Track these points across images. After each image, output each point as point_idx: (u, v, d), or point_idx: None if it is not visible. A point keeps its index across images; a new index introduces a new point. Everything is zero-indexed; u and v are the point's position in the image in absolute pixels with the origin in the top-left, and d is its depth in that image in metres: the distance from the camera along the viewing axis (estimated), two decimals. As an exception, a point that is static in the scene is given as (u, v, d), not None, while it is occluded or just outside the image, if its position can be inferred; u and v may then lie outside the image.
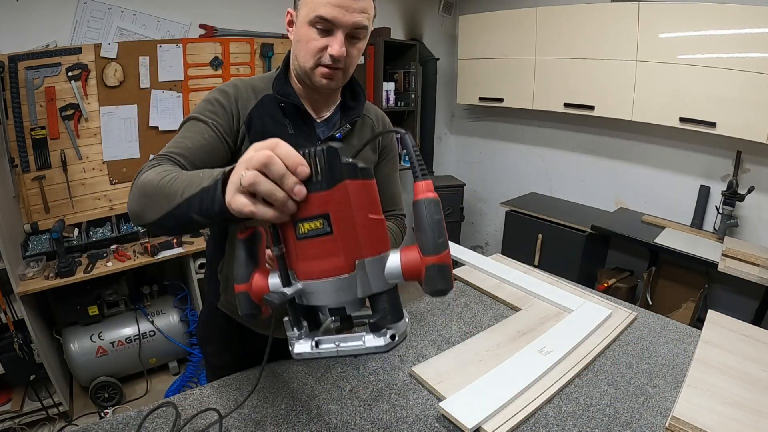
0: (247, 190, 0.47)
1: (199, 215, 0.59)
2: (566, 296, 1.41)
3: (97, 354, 2.17)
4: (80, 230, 2.30)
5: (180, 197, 0.61)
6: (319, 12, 0.81)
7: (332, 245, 0.48)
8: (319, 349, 0.51)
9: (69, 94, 2.23)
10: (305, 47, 0.86)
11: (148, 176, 0.71)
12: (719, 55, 2.11)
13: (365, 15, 0.85)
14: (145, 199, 0.70)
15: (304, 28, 0.85)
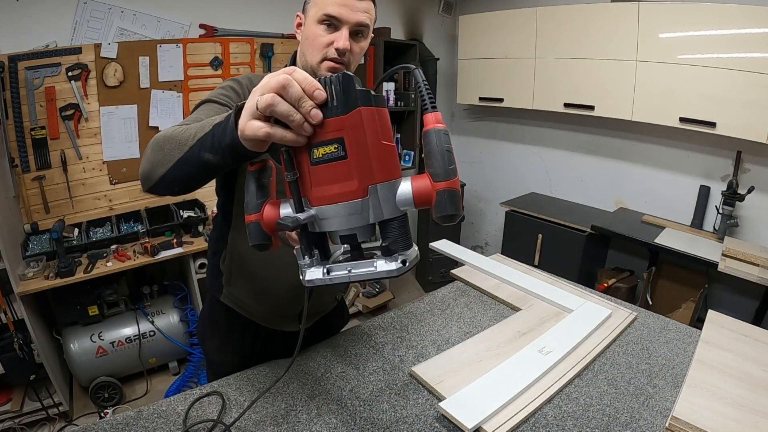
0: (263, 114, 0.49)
1: (210, 153, 0.60)
2: (566, 296, 1.41)
3: (97, 354, 2.17)
4: (80, 230, 2.30)
5: (193, 139, 0.63)
6: (327, 10, 0.89)
7: (346, 169, 0.49)
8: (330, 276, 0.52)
9: (69, 94, 2.23)
10: (313, 43, 0.92)
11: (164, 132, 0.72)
12: (719, 55, 2.11)
13: (367, 15, 0.92)
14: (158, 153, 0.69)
15: (312, 26, 0.92)
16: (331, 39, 0.91)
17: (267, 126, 0.49)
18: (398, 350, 1.16)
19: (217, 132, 0.59)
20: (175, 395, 0.99)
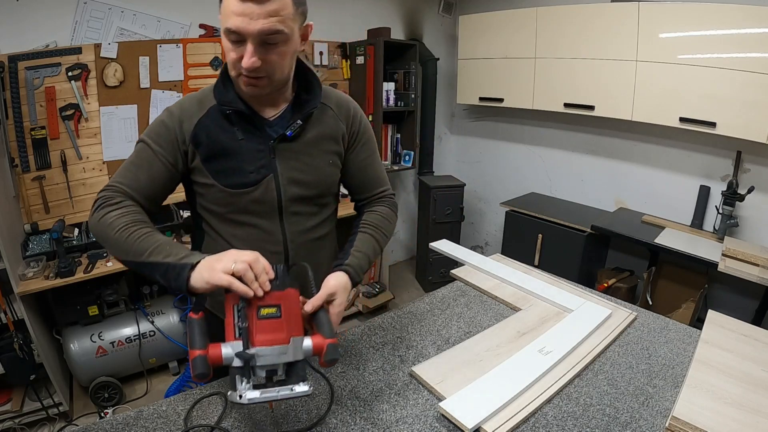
0: (232, 273, 0.71)
1: (162, 279, 0.77)
2: (566, 296, 1.41)
3: (97, 354, 2.17)
4: (80, 230, 2.30)
5: (146, 257, 0.79)
6: (227, 24, 0.80)
7: (279, 325, 0.72)
8: (263, 396, 0.69)
9: (69, 94, 2.23)
10: (227, 58, 0.87)
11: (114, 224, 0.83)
12: (719, 55, 2.11)
13: (276, 18, 0.80)
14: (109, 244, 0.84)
15: (223, 39, 0.85)
16: (239, 55, 0.83)
17: (235, 281, 0.71)
18: (398, 350, 1.16)
19: (170, 272, 0.76)
20: (176, 395, 0.99)
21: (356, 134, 1.09)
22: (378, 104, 3.01)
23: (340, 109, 1.06)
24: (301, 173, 1.00)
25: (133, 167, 0.92)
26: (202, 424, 0.89)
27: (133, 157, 0.93)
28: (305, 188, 1.01)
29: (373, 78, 2.98)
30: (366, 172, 1.13)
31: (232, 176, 0.95)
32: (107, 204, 0.86)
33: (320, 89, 1.01)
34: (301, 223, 1.04)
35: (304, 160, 1.00)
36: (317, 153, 1.02)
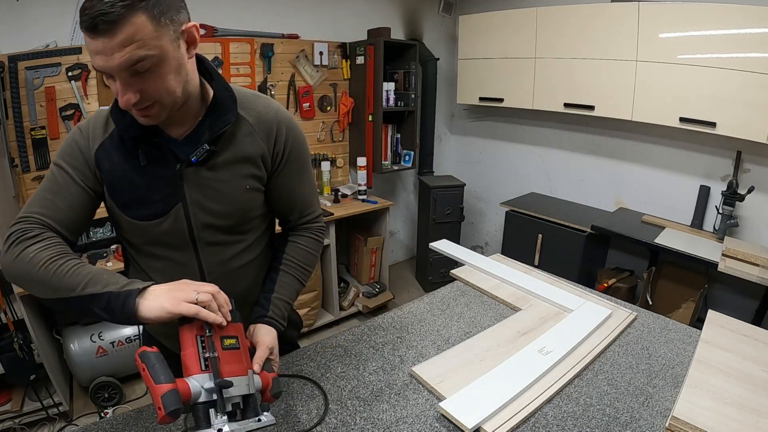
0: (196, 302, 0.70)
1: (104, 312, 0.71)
2: (566, 296, 1.41)
3: (97, 354, 2.17)
4: (80, 230, 2.30)
5: (81, 290, 0.71)
6: (93, 61, 0.71)
7: (239, 356, 0.74)
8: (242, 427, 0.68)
9: (69, 94, 2.23)
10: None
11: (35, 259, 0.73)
12: (719, 55, 2.11)
13: (134, 45, 0.68)
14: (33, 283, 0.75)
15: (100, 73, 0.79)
16: (116, 91, 0.74)
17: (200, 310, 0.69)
18: (398, 350, 1.16)
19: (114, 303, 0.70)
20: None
21: (280, 154, 0.94)
22: (378, 104, 3.01)
23: (260, 127, 0.91)
24: (214, 201, 0.88)
25: (50, 194, 0.82)
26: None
27: (48, 183, 0.83)
28: (219, 217, 0.90)
29: (373, 78, 2.98)
30: (292, 196, 1.00)
31: (138, 207, 0.86)
32: (24, 238, 0.75)
33: (234, 103, 0.88)
34: (219, 253, 0.94)
35: (216, 187, 0.88)
36: (231, 178, 0.89)
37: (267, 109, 0.93)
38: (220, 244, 0.93)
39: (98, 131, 0.85)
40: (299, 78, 2.95)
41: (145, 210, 0.86)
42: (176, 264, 0.91)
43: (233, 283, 0.96)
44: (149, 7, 0.68)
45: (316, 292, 2.83)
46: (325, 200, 2.98)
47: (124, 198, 0.86)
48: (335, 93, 3.15)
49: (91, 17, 0.65)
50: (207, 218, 0.89)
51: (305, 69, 2.95)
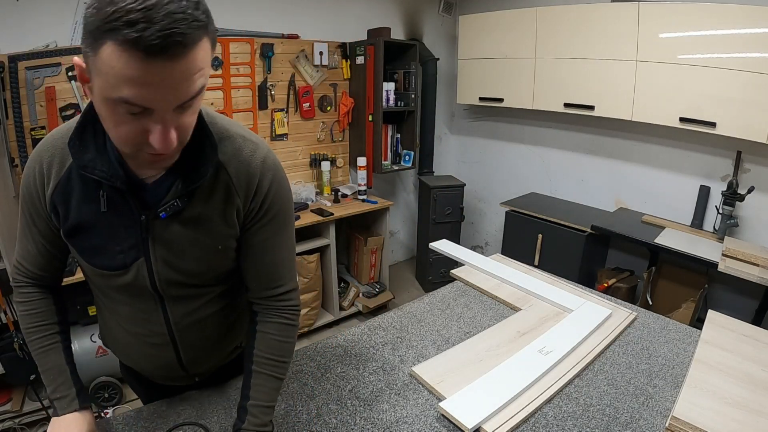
0: None
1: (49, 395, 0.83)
2: (566, 296, 1.41)
3: (97, 354, 2.17)
4: (80, 230, 2.30)
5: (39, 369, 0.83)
6: (120, 94, 0.53)
7: None
8: None
9: (69, 94, 2.23)
10: (114, 131, 0.60)
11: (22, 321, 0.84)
12: (719, 55, 2.11)
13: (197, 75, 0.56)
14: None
15: (103, 106, 0.57)
16: (141, 128, 0.58)
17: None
18: (398, 350, 1.16)
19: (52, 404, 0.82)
20: (175, 395, 0.99)
21: (256, 211, 0.79)
22: (378, 104, 3.01)
23: (239, 179, 0.76)
24: (181, 260, 0.77)
25: (24, 237, 0.81)
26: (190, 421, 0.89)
27: (20, 224, 0.81)
28: (186, 276, 0.80)
29: (373, 78, 2.98)
30: (263, 259, 0.84)
31: (97, 256, 0.76)
32: (17, 292, 0.85)
33: (214, 152, 0.73)
34: (186, 305, 0.84)
35: (185, 245, 0.76)
36: (202, 235, 0.77)
37: (252, 157, 0.77)
38: (188, 298, 0.83)
39: (53, 168, 0.73)
40: (299, 78, 2.95)
41: (104, 260, 0.76)
42: (141, 312, 0.83)
43: (202, 330, 0.88)
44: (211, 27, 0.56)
45: (316, 292, 2.83)
46: (325, 200, 2.98)
47: (82, 244, 0.76)
48: (335, 93, 3.15)
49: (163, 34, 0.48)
50: (173, 275, 0.79)
51: (305, 69, 2.95)
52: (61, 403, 0.81)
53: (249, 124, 2.83)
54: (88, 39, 0.52)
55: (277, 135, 2.95)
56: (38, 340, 0.82)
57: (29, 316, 0.84)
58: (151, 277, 0.78)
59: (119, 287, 0.80)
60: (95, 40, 0.51)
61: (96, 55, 0.52)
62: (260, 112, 2.85)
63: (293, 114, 3.00)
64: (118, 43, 0.49)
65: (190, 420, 0.90)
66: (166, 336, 0.85)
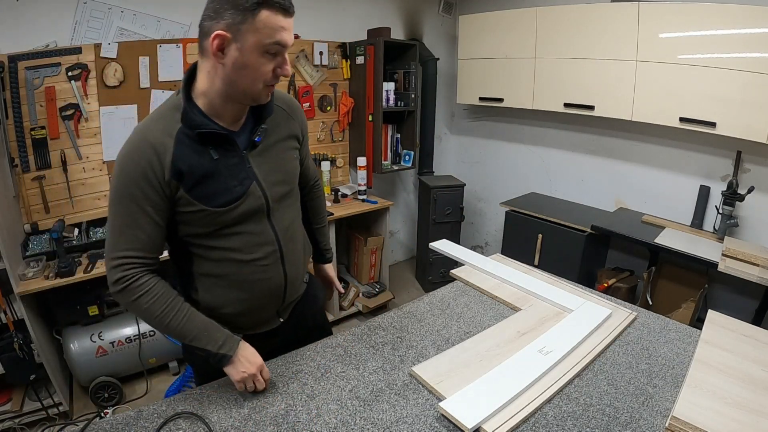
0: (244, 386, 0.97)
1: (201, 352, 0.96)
2: (566, 296, 1.41)
3: (97, 354, 2.17)
4: (80, 230, 2.30)
5: (189, 340, 0.96)
6: (274, 38, 0.86)
7: None
8: None
9: (69, 94, 2.23)
10: (255, 73, 0.89)
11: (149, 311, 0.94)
12: (719, 55, 2.10)
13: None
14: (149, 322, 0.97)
15: (253, 55, 0.86)
16: (274, 66, 0.90)
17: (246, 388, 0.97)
18: (398, 350, 1.16)
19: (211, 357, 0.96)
20: (176, 395, 0.99)
21: (304, 131, 1.18)
22: (378, 104, 3.01)
23: (291, 110, 1.12)
24: (278, 173, 1.07)
25: (128, 229, 0.92)
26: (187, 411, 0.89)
27: (123, 217, 0.92)
28: (284, 185, 1.08)
29: (373, 78, 2.98)
30: (308, 165, 1.28)
31: (220, 196, 0.96)
32: (132, 288, 0.92)
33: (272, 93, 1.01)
34: (285, 217, 1.10)
35: (276, 161, 1.06)
36: (283, 151, 1.09)
37: (287, 95, 1.16)
38: (285, 209, 1.10)
39: (165, 143, 0.91)
40: (299, 78, 2.95)
41: (226, 197, 0.97)
42: (254, 235, 1.03)
43: (294, 239, 1.14)
44: None
45: (316, 292, 2.82)
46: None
47: (207, 192, 0.95)
48: (335, 93, 3.15)
49: (290, 2, 0.87)
50: (277, 189, 1.06)
51: (305, 69, 2.95)
52: (228, 343, 0.97)
53: (249, 124, 2.83)
54: (241, 13, 0.82)
55: (277, 135, 2.95)
56: (176, 314, 0.94)
57: (157, 301, 0.94)
58: (263, 193, 1.03)
59: (237, 217, 1.00)
60: (251, 10, 0.82)
61: (253, 19, 0.83)
62: (260, 112, 2.85)
63: (293, 114, 3.00)
64: (273, 8, 0.84)
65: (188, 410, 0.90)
66: (276, 252, 1.07)
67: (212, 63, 0.89)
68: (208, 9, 0.86)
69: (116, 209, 0.92)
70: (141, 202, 0.90)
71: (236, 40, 0.85)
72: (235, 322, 1.07)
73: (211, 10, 0.85)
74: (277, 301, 1.13)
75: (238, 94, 0.93)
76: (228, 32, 0.84)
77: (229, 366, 0.96)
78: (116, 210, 0.92)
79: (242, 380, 0.95)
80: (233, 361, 0.96)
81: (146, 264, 0.95)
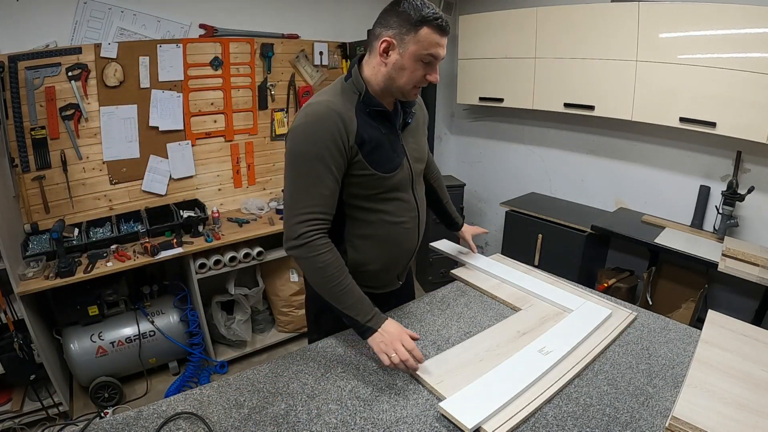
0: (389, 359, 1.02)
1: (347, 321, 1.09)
2: (566, 296, 1.41)
3: (97, 354, 2.17)
4: (80, 230, 2.30)
5: (343, 308, 1.06)
6: (430, 51, 1.05)
7: None
8: None
9: (69, 94, 2.23)
10: (410, 75, 1.08)
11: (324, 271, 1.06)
12: (719, 55, 2.10)
13: None
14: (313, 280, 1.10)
15: (410, 60, 1.06)
16: (425, 73, 1.09)
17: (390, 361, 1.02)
18: (398, 350, 1.16)
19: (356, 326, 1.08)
20: (176, 395, 0.99)
21: (428, 121, 1.39)
22: (378, 104, 3.01)
23: (420, 103, 1.32)
24: (419, 152, 1.28)
25: (314, 188, 1.06)
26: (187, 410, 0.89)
27: (308, 178, 1.05)
28: (421, 163, 1.30)
29: (373, 78, 2.98)
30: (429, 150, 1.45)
31: (386, 163, 1.15)
32: (313, 244, 1.05)
33: None
34: (420, 190, 1.32)
35: (418, 141, 1.28)
36: (422, 134, 1.32)
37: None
38: (420, 183, 1.32)
39: (350, 116, 1.09)
40: (299, 78, 2.95)
41: (389, 165, 1.16)
42: (403, 202, 1.22)
43: (424, 212, 1.33)
44: None
45: (316, 292, 2.82)
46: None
47: (377, 158, 1.13)
48: (335, 93, 3.14)
49: (445, 22, 1.04)
50: (418, 165, 1.27)
51: (305, 69, 2.95)
52: (376, 318, 1.06)
53: (249, 123, 2.84)
54: (407, 25, 1.03)
55: (277, 135, 2.96)
56: (341, 281, 1.06)
57: (332, 264, 1.06)
58: (409, 166, 1.22)
59: (393, 184, 1.18)
60: (415, 25, 1.02)
61: (416, 33, 1.03)
62: (260, 112, 2.85)
63: (293, 114, 3.00)
64: (433, 27, 1.03)
65: (188, 410, 0.90)
66: (416, 218, 1.27)
67: (377, 61, 1.09)
68: (381, 17, 1.07)
69: (302, 170, 1.05)
70: (328, 162, 1.04)
71: (399, 47, 1.05)
72: (373, 279, 1.26)
73: (384, 19, 1.06)
74: (405, 262, 1.33)
75: (393, 89, 1.12)
76: (394, 39, 1.05)
77: (370, 339, 1.05)
78: (302, 171, 1.05)
79: (383, 351, 1.02)
80: (375, 334, 1.04)
81: (326, 222, 1.08)
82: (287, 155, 1.08)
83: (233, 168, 2.85)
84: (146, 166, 2.54)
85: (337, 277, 1.06)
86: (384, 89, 1.13)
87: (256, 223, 2.63)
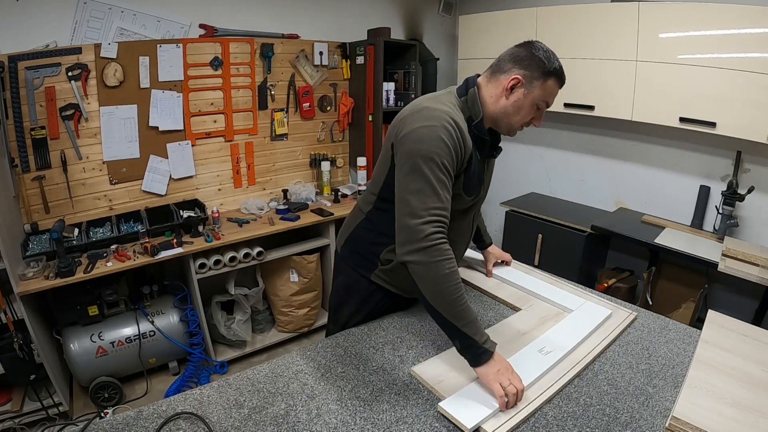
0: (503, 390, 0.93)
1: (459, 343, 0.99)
2: (566, 296, 1.41)
3: (97, 354, 2.17)
4: (80, 230, 2.30)
5: (461, 325, 0.97)
6: (549, 99, 1.13)
7: None
8: None
9: (69, 94, 2.23)
10: (524, 115, 1.14)
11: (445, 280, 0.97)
12: (719, 55, 2.10)
13: None
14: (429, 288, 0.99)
15: (530, 103, 1.11)
16: (533, 116, 1.16)
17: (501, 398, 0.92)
18: (398, 350, 1.16)
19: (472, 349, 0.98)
20: (175, 395, 0.99)
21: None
22: (378, 104, 3.01)
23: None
24: (488, 182, 1.31)
25: (441, 190, 1.02)
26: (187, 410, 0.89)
27: (437, 179, 1.02)
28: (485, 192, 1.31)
29: (373, 78, 2.98)
30: None
31: (472, 189, 1.18)
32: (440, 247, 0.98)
33: None
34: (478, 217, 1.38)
35: (489, 173, 1.31)
36: (492, 166, 1.33)
37: None
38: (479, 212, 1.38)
39: (466, 135, 1.10)
40: (299, 78, 2.95)
41: (474, 190, 1.19)
42: (467, 222, 1.27)
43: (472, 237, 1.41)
44: None
45: (316, 292, 2.83)
46: (325, 200, 2.98)
47: (468, 182, 1.15)
48: (335, 93, 3.15)
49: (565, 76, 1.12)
50: (484, 195, 1.30)
51: (305, 69, 2.95)
52: (490, 341, 0.99)
53: (249, 123, 2.84)
54: (539, 71, 1.09)
55: (277, 135, 2.96)
56: (461, 295, 0.98)
57: (455, 273, 0.99)
58: (483, 194, 1.29)
59: (468, 207, 1.23)
60: (546, 74, 1.09)
61: (544, 82, 1.09)
62: (260, 112, 2.85)
63: (293, 114, 3.00)
64: (557, 80, 1.12)
65: (188, 410, 0.90)
66: (466, 241, 1.34)
67: (499, 93, 1.13)
68: (515, 54, 1.12)
69: (432, 170, 1.01)
70: (450, 170, 1.04)
71: (525, 87, 1.10)
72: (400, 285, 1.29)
73: (517, 57, 1.11)
74: None
75: (502, 123, 1.16)
76: (524, 79, 1.09)
77: (485, 365, 0.96)
78: (432, 170, 1.01)
79: (498, 380, 0.93)
80: (490, 360, 0.97)
81: (446, 227, 1.03)
82: (409, 154, 1.02)
83: (233, 168, 2.85)
84: (146, 166, 2.54)
85: (459, 289, 0.98)
86: (493, 119, 1.16)
87: (256, 223, 2.63)
